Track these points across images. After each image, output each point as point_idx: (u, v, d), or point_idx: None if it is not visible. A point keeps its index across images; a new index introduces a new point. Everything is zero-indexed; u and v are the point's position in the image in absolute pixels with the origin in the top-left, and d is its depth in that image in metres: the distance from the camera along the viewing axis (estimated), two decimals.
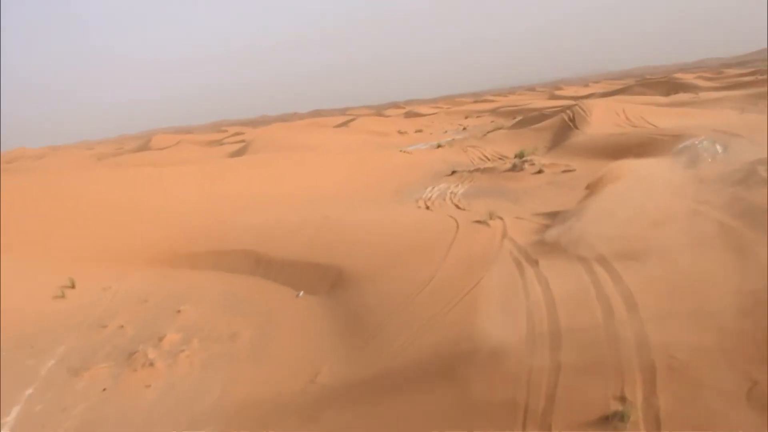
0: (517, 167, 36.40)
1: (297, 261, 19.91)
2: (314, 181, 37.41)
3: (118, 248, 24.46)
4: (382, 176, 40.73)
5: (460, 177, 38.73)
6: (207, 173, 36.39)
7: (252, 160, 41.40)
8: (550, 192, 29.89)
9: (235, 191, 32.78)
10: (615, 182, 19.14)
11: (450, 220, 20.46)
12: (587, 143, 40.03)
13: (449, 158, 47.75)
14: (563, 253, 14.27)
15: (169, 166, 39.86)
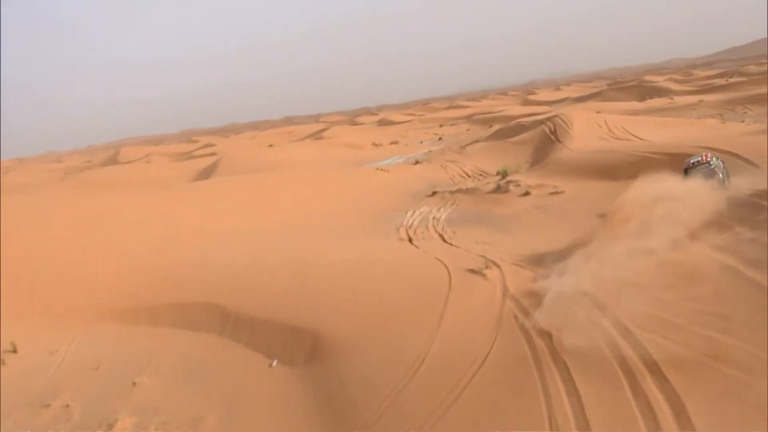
0: (502, 188, 34.52)
1: (270, 320, 17.54)
2: (287, 209, 35.16)
3: (68, 301, 21.92)
4: (360, 199, 38.63)
5: (442, 198, 36.75)
6: (170, 203, 33.87)
7: (219, 186, 38.92)
8: (541, 218, 28.02)
9: (200, 224, 30.33)
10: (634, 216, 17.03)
11: (439, 266, 18.33)
12: (573, 160, 38.22)
13: (428, 175, 45.77)
14: (582, 325, 12.16)
15: (129, 195, 37.05)
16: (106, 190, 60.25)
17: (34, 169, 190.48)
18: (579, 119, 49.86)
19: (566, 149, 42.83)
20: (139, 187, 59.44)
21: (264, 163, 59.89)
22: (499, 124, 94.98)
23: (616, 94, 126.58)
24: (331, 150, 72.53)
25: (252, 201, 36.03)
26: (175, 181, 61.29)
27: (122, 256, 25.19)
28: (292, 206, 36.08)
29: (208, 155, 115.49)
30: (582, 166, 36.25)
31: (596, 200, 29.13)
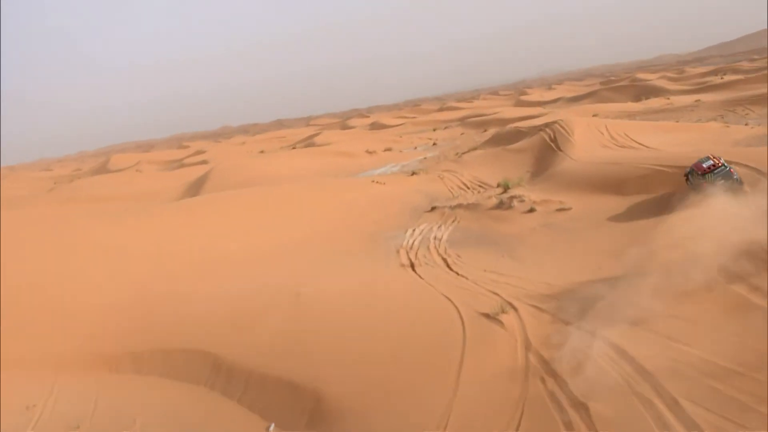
0: (505, 204, 33.00)
1: (266, 375, 15.96)
2: (280, 230, 33.54)
3: (45, 346, 20.20)
4: (357, 215, 37.08)
5: (442, 214, 35.24)
6: (153, 228, 32.06)
7: (207, 206, 37.05)
8: (549, 239, 26.49)
9: (186, 250, 28.61)
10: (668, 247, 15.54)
11: (449, 307, 16.86)
12: (578, 173, 36.67)
13: (426, 188, 44.27)
14: (620, 393, 10.67)
15: (110, 217, 34.99)
16: (95, 202, 58.63)
17: (23, 178, 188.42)
18: (579, 126, 48.42)
19: (569, 159, 41.34)
20: (127, 201, 57.83)
21: (255, 175, 58.30)
22: (493, 128, 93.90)
23: (611, 94, 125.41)
24: (324, 159, 70.92)
25: (242, 222, 34.40)
26: (164, 194, 59.67)
27: (103, 290, 23.47)
28: (285, 227, 34.49)
29: (199, 163, 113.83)
30: (588, 179, 34.72)
31: (607, 219, 27.73)
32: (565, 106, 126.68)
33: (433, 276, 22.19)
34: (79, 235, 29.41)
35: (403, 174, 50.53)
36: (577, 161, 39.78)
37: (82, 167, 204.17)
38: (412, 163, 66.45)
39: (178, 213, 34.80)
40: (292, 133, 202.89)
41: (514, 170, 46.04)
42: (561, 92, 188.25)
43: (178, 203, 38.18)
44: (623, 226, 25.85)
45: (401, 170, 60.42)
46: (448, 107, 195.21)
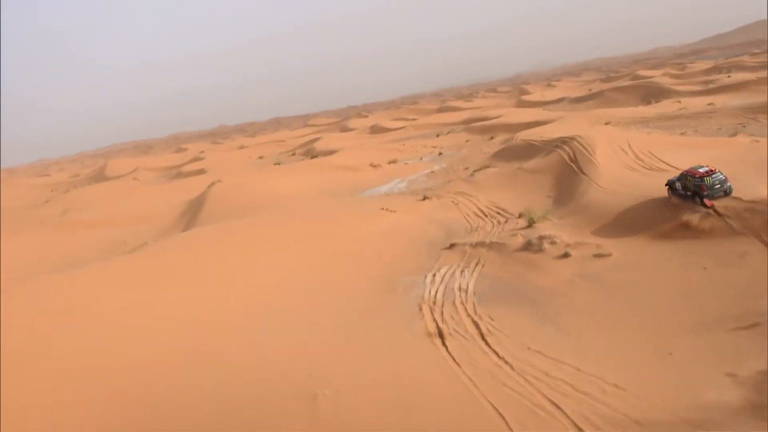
0: (534, 246, 29.96)
1: None
2: (285, 275, 30.41)
3: None
4: (369, 254, 34.00)
5: (463, 253, 32.19)
6: (138, 284, 28.70)
7: (198, 246, 33.54)
8: (594, 298, 23.40)
9: (172, 317, 25.13)
10: None
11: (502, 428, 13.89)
12: (609, 206, 33.51)
13: (440, 216, 41.28)
14: None
15: (90, 270, 31.54)
16: (87, 229, 55.64)
17: (21, 185, 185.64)
18: (601, 144, 45.41)
19: (594, 186, 38.32)
20: (119, 228, 54.86)
21: (254, 196, 55.27)
22: (500, 134, 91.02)
23: (617, 95, 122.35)
24: (326, 173, 67.85)
25: (241, 269, 31.26)
26: (158, 220, 56.66)
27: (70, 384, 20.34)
28: (291, 271, 31.44)
29: (197, 173, 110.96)
30: (622, 215, 31.61)
31: (655, 272, 24.71)
32: (570, 108, 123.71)
33: (469, 360, 19.12)
34: (51, 297, 26.21)
35: (413, 197, 47.47)
36: (604, 189, 36.76)
37: (80, 173, 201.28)
38: (419, 177, 63.49)
39: (165, 260, 31.53)
40: (291, 136, 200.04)
41: (533, 194, 43.10)
42: (562, 91, 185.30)
43: (165, 245, 34.75)
44: (677, 284, 22.87)
45: (409, 188, 57.49)
46: (448, 107, 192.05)
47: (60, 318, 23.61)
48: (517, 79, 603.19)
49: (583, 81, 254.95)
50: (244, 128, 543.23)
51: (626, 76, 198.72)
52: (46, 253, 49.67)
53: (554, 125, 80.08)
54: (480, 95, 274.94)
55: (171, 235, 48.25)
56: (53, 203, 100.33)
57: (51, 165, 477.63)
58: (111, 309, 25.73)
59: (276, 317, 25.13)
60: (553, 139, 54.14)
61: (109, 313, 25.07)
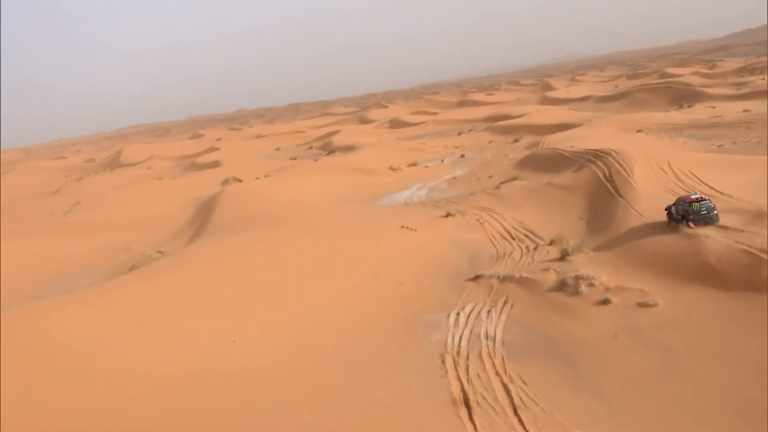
0: (569, 287, 27.01)
1: None
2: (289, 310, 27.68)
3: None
4: (386, 285, 31.26)
5: (489, 288, 29.25)
6: (129, 326, 26.05)
7: (193, 282, 30.69)
8: (642, 365, 20.34)
9: (161, 370, 22.56)
10: None
11: None
12: (652, 240, 30.28)
13: (463, 237, 38.33)
14: None
15: (79, 299, 28.89)
16: (92, 233, 53.26)
17: (34, 169, 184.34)
18: (639, 163, 42.16)
19: (632, 212, 35.20)
20: (125, 233, 52.41)
21: (267, 201, 52.57)
22: (524, 136, 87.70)
23: (646, 95, 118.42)
24: (344, 177, 65.04)
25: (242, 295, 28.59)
26: (167, 224, 54.13)
27: None
28: (298, 301, 28.77)
29: (211, 165, 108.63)
30: (665, 250, 28.49)
31: (713, 334, 21.61)
32: (596, 108, 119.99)
33: None
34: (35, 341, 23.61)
35: (435, 212, 44.58)
36: (645, 218, 33.63)
37: (96, 157, 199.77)
38: (440, 184, 60.57)
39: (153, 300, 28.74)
40: (309, 126, 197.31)
41: (563, 215, 40.11)
42: (588, 87, 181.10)
43: (166, 276, 31.93)
44: (743, 356, 19.81)
45: (430, 196, 54.62)
46: (469, 101, 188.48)
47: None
48: (540, 71, 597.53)
49: (608, 76, 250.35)
50: (263, 113, 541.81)
51: (653, 74, 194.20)
52: (47, 259, 47.40)
53: (583, 130, 76.74)
54: (502, 88, 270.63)
55: (177, 246, 45.79)
56: (64, 193, 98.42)
57: (68, 146, 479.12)
58: (100, 346, 23.28)
59: (295, 372, 22.41)
60: (585, 151, 51.01)
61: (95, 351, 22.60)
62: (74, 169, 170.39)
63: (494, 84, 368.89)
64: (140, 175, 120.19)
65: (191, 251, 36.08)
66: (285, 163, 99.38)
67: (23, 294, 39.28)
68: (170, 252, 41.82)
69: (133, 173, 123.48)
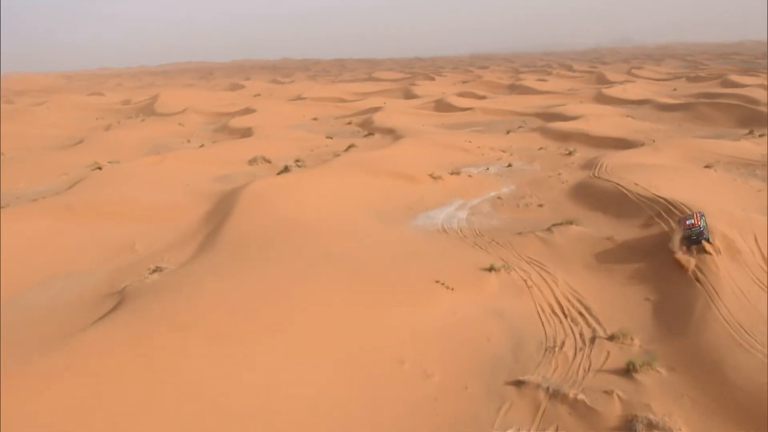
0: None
1: None
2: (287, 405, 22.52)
3: None
4: (409, 371, 26.00)
5: (534, 407, 23.51)
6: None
7: (175, 369, 25.67)
8: None
9: None
10: None
11: None
12: (744, 367, 24.61)
13: (507, 305, 32.47)
14: None
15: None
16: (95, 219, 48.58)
17: (67, 104, 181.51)
18: (720, 232, 35.77)
19: (716, 311, 29.21)
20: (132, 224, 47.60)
21: (290, 208, 47.23)
22: (579, 146, 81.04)
23: (710, 111, 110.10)
24: (380, 181, 59.43)
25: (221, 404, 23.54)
26: (181, 216, 49.26)
27: None
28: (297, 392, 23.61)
29: (242, 133, 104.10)
30: (761, 390, 22.76)
31: None
32: (656, 117, 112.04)
33: None
34: None
35: (476, 259, 38.92)
36: (732, 328, 27.69)
37: (131, 98, 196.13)
38: (483, 204, 54.81)
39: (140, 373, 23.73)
40: (351, 93, 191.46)
41: (626, 289, 34.24)
42: (645, 87, 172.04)
43: (139, 353, 26.70)
44: None
45: (470, 221, 49.02)
46: (520, 86, 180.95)
47: None
48: (593, 54, 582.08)
49: (666, 74, 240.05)
50: (308, 66, 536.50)
51: (715, 79, 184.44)
52: (42, 250, 42.92)
53: (645, 153, 70.03)
54: (554, 72, 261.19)
55: (183, 256, 40.85)
56: (87, 146, 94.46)
57: (110, 77, 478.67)
58: None
59: None
60: (653, 198, 44.90)
61: None
62: (108, 110, 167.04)
63: (546, 65, 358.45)
64: (170, 131, 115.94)
65: (186, 292, 30.80)
66: (320, 141, 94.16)
67: (4, 301, 34.77)
68: (169, 271, 36.83)
69: (163, 128, 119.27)
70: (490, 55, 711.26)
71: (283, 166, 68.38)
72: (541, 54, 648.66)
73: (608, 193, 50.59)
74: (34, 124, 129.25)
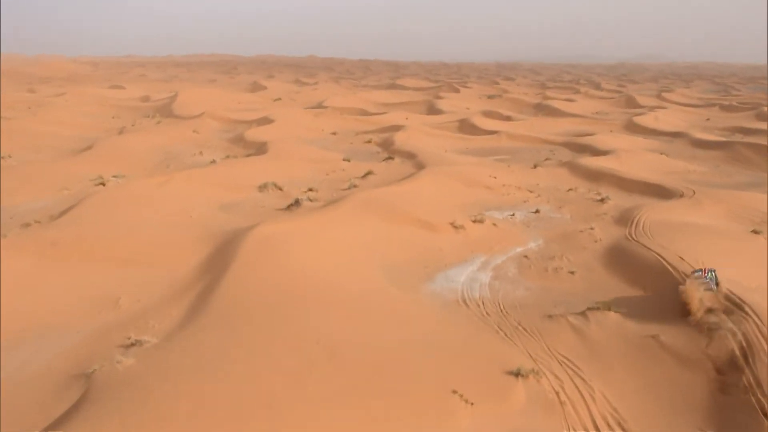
0: None
1: None
2: None
3: None
4: None
5: None
6: None
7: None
8: None
9: None
10: None
11: None
12: None
13: (536, 427, 27.78)
14: None
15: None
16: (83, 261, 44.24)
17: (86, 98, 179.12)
18: None
19: None
20: (119, 269, 43.11)
21: (294, 273, 42.31)
22: (611, 189, 75.83)
23: (749, 153, 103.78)
24: (397, 228, 54.54)
25: None
26: (175, 261, 44.73)
27: None
28: None
29: (257, 148, 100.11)
30: None
31: None
32: (691, 154, 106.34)
33: None
34: None
35: (501, 353, 33.95)
36: None
37: (151, 95, 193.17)
38: (507, 265, 49.72)
39: None
40: (374, 103, 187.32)
41: (676, 410, 29.12)
42: (678, 116, 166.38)
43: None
44: None
45: (493, 288, 44.12)
46: (548, 107, 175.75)
47: None
48: (621, 70, 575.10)
49: (697, 98, 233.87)
50: (333, 66, 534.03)
51: (750, 110, 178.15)
52: (16, 300, 38.32)
53: (685, 207, 64.60)
54: (582, 90, 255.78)
55: (170, 322, 36.16)
56: (95, 154, 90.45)
57: (136, 66, 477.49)
58: None
59: None
60: (710, 296, 39.66)
61: None
62: (125, 108, 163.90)
63: (573, 80, 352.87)
64: (184, 138, 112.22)
65: (157, 395, 26.03)
66: (336, 164, 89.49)
67: None
68: (148, 348, 32.11)
69: (177, 134, 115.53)
70: (515, 64, 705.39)
71: (294, 199, 63.69)
72: (567, 66, 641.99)
73: (649, 267, 45.28)
74: (49, 120, 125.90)
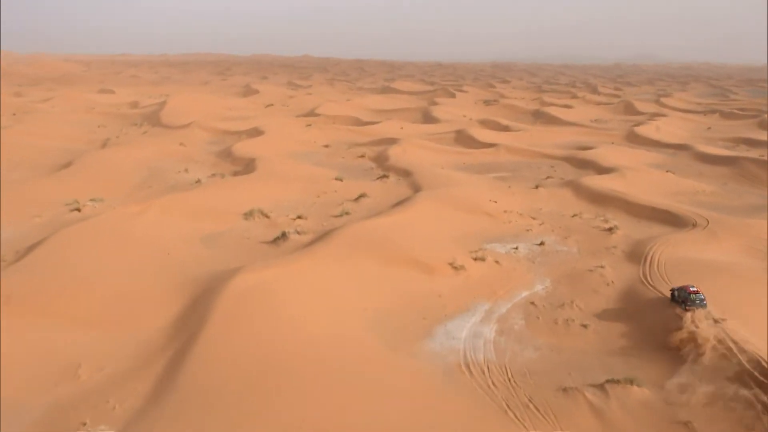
0: None
1: None
2: None
3: None
4: None
5: None
6: None
7: None
8: None
9: None
10: None
11: None
12: None
13: None
14: None
15: None
16: (46, 317, 39.83)
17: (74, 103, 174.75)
18: None
19: None
20: (83, 325, 38.63)
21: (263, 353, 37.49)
22: (618, 215, 71.41)
23: (756, 169, 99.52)
24: (392, 271, 49.80)
25: None
26: (143, 321, 40.27)
27: None
28: None
29: (245, 166, 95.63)
30: None
31: None
32: (697, 170, 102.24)
33: None
34: None
35: None
36: None
37: (140, 101, 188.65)
38: (512, 314, 45.51)
39: None
40: (367, 110, 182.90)
41: None
42: (679, 125, 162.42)
43: None
44: None
45: (497, 345, 40.02)
46: (545, 116, 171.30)
47: None
48: (616, 71, 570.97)
49: (696, 104, 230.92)
50: (327, 67, 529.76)
51: (751, 118, 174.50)
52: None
53: (701, 240, 60.45)
54: (579, 95, 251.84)
55: (136, 399, 31.75)
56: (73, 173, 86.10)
57: (129, 66, 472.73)
58: None
59: None
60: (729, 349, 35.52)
61: None
62: (113, 115, 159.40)
63: (569, 83, 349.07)
64: (170, 152, 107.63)
65: None
66: (328, 184, 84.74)
67: None
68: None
69: (163, 147, 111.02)
70: (511, 64, 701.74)
71: (281, 232, 59.20)
72: (562, 67, 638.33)
73: (671, 324, 40.97)
74: (31, 130, 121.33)
